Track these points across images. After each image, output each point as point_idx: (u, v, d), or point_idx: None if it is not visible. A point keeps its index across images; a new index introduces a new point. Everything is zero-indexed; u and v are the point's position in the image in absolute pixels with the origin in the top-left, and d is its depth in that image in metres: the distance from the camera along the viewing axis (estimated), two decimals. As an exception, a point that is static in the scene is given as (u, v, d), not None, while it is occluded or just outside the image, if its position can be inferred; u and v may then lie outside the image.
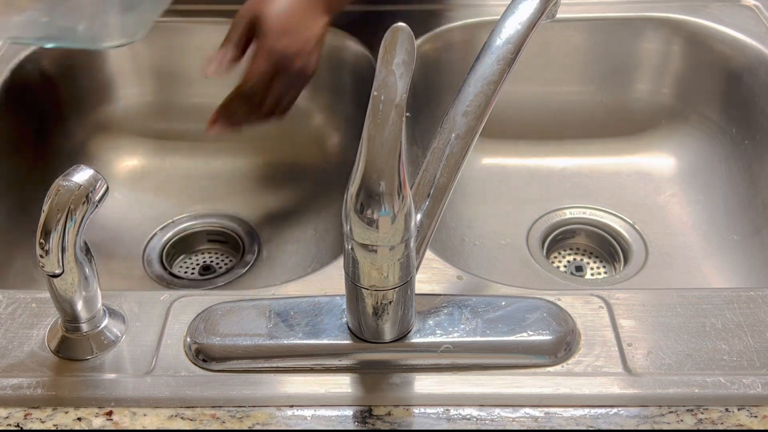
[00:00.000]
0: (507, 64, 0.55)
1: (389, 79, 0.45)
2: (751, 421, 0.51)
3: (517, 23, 0.57)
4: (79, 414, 0.52)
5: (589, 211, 0.92)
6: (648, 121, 0.97)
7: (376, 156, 0.45)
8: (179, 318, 0.57)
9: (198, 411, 0.52)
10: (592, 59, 0.96)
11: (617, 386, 0.53)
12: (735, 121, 0.90)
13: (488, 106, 0.55)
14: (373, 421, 0.52)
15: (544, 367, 0.54)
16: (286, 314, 0.56)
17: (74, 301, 0.53)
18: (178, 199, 0.85)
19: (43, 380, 0.54)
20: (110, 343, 0.56)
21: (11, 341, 0.56)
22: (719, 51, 0.91)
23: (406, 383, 0.54)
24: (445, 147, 0.54)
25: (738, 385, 0.53)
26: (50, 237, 0.49)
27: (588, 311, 0.58)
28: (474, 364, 0.54)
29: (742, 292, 0.59)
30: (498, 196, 0.94)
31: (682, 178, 0.94)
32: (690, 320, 0.57)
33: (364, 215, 0.46)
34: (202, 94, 0.96)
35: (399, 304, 0.52)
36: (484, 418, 0.52)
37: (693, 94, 0.94)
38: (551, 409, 0.52)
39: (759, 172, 0.85)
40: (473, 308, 0.56)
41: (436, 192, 0.54)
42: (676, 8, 0.94)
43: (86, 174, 0.49)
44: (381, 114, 0.45)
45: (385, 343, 0.54)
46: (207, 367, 0.54)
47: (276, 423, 0.52)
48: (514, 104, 0.96)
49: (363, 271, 0.50)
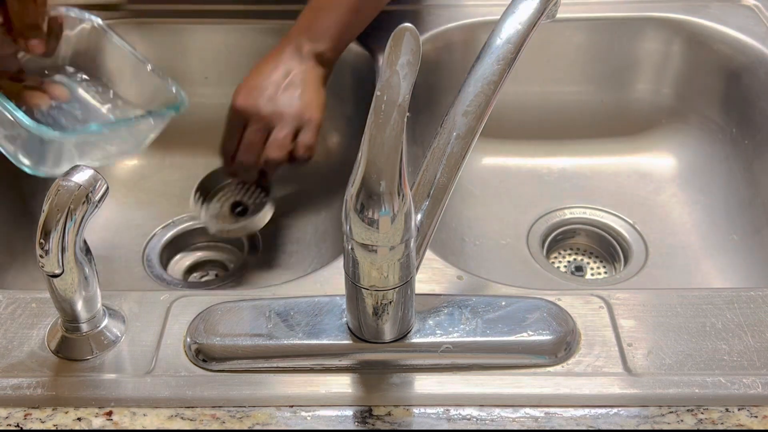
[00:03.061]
0: (507, 64, 0.55)
1: (393, 80, 0.45)
2: (751, 421, 0.51)
3: (517, 23, 0.57)
4: (79, 414, 0.52)
5: (589, 211, 0.92)
6: (648, 121, 0.97)
7: (376, 156, 0.45)
8: (179, 318, 0.57)
9: (198, 411, 0.52)
10: (592, 59, 0.96)
11: (617, 386, 0.53)
12: (735, 121, 0.90)
13: (488, 106, 0.55)
14: (373, 421, 0.52)
15: (544, 367, 0.54)
16: (286, 314, 0.56)
17: (74, 301, 0.53)
18: (178, 199, 0.85)
19: (43, 380, 0.54)
20: (110, 343, 0.56)
21: (11, 341, 0.56)
22: (719, 51, 0.91)
23: (406, 383, 0.54)
24: (445, 147, 0.54)
25: (738, 385, 0.53)
26: (50, 237, 0.49)
27: (588, 311, 0.58)
28: (474, 364, 0.54)
29: (742, 292, 0.59)
30: (498, 196, 0.94)
31: (682, 178, 0.94)
32: (690, 320, 0.57)
33: (364, 215, 0.46)
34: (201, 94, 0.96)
35: (399, 304, 0.52)
36: (484, 418, 0.52)
37: (693, 94, 0.94)
38: (551, 409, 0.52)
39: (759, 172, 0.85)
40: (473, 308, 0.56)
41: (436, 192, 0.54)
42: (676, 8, 0.94)
43: (86, 174, 0.49)
44: (383, 114, 0.45)
45: (385, 343, 0.54)
46: (207, 367, 0.54)
47: (276, 423, 0.52)
48: (514, 104, 0.96)
49: (363, 271, 0.50)
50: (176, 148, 0.96)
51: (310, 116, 0.80)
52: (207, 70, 0.97)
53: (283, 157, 0.80)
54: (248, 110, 0.79)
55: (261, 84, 0.80)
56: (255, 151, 0.80)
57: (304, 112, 0.80)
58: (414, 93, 0.46)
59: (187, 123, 0.96)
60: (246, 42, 0.94)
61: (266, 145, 0.80)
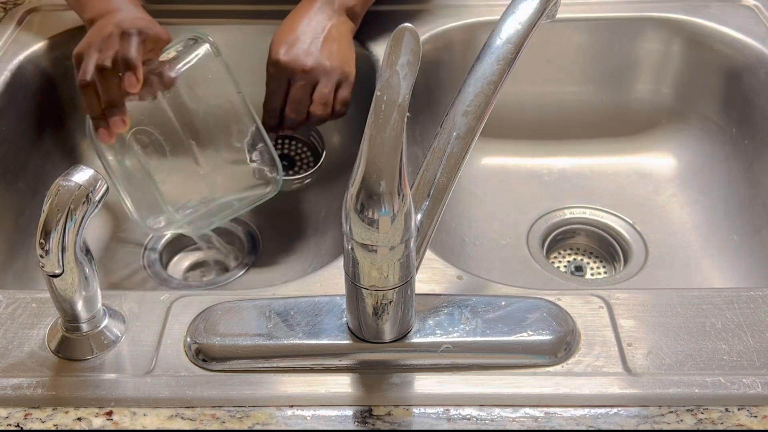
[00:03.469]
0: (507, 64, 0.55)
1: (393, 80, 0.45)
2: (751, 421, 0.51)
3: (517, 23, 0.57)
4: (79, 414, 0.52)
5: (589, 211, 0.92)
6: (648, 121, 0.97)
7: (376, 156, 0.45)
8: (179, 318, 0.57)
9: (198, 411, 0.52)
10: (592, 59, 0.96)
11: (617, 386, 0.53)
12: (735, 121, 0.90)
13: (488, 106, 0.55)
14: (373, 421, 0.52)
15: (544, 367, 0.54)
16: (286, 314, 0.56)
17: (74, 301, 0.53)
18: (178, 199, 0.85)
19: (43, 380, 0.54)
20: (110, 343, 0.56)
21: (11, 341, 0.56)
22: (719, 51, 0.91)
23: (406, 383, 0.54)
24: (445, 147, 0.54)
25: (738, 385, 0.53)
26: (50, 237, 0.49)
27: (588, 311, 0.58)
28: (474, 364, 0.54)
29: (742, 292, 0.59)
30: (498, 196, 0.94)
31: (682, 178, 0.94)
32: (690, 320, 0.57)
33: (364, 215, 0.46)
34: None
35: (399, 304, 0.52)
36: (484, 418, 0.52)
37: (693, 94, 0.94)
38: (551, 409, 0.52)
39: (759, 172, 0.85)
40: (473, 308, 0.56)
41: (436, 192, 0.54)
42: (676, 8, 0.94)
43: (86, 174, 0.49)
44: (383, 114, 0.45)
45: (385, 343, 0.54)
46: (207, 367, 0.54)
47: (276, 423, 0.52)
48: (514, 104, 0.96)
49: (363, 271, 0.50)
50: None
51: (349, 71, 0.81)
52: (207, 70, 0.96)
53: (327, 113, 0.81)
54: (292, 65, 0.79)
55: (300, 38, 0.80)
56: (303, 107, 0.80)
57: (344, 67, 0.80)
58: (414, 93, 0.46)
59: (187, 123, 0.96)
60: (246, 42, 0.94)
61: (312, 101, 0.80)
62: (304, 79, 0.79)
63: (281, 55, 0.80)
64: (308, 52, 0.79)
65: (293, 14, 0.83)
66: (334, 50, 0.80)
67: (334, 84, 0.80)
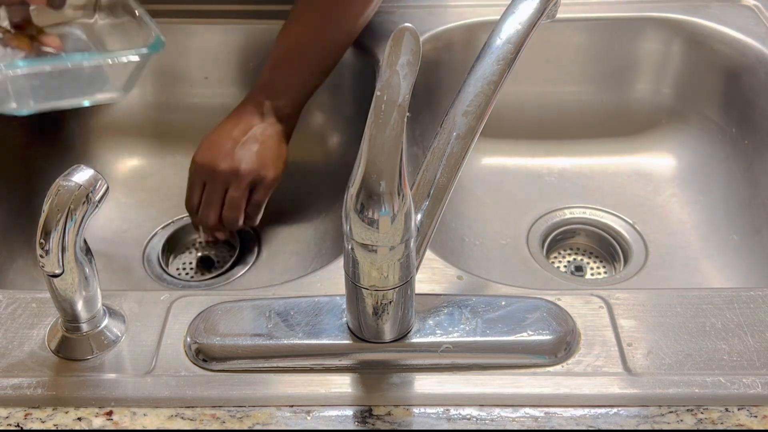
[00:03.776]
0: (507, 64, 0.55)
1: (393, 80, 0.45)
2: (751, 421, 0.51)
3: (517, 23, 0.57)
4: (79, 414, 0.52)
5: (589, 211, 0.92)
6: (648, 121, 0.97)
7: (376, 156, 0.45)
8: (179, 318, 0.57)
9: (198, 411, 0.52)
10: (592, 59, 0.96)
11: (617, 386, 0.53)
12: (735, 121, 0.90)
13: (488, 106, 0.55)
14: (373, 421, 0.52)
15: (544, 367, 0.54)
16: (286, 314, 0.56)
17: (74, 301, 0.53)
18: (178, 199, 0.85)
19: (43, 380, 0.54)
20: (110, 343, 0.56)
21: (11, 341, 0.56)
22: (719, 51, 0.91)
23: (406, 383, 0.54)
24: (445, 147, 0.54)
25: (738, 385, 0.53)
26: (50, 237, 0.49)
27: (588, 311, 0.58)
28: (474, 364, 0.54)
29: (742, 292, 0.59)
30: (498, 196, 0.94)
31: (682, 178, 0.94)
32: (690, 320, 0.57)
33: (364, 215, 0.46)
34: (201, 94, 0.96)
35: (399, 304, 0.52)
36: (484, 418, 0.52)
37: (693, 94, 0.94)
38: (551, 409, 0.52)
39: (759, 172, 0.85)
40: (473, 308, 0.56)
41: (436, 192, 0.54)
42: (676, 8, 0.94)
43: (86, 174, 0.49)
44: (383, 114, 0.45)
45: (385, 343, 0.54)
46: (207, 367, 0.54)
47: (276, 423, 0.52)
48: (514, 104, 0.96)
49: (363, 271, 0.50)
50: (176, 148, 0.96)
51: (265, 174, 0.81)
52: (207, 70, 0.97)
53: (236, 216, 0.82)
54: (206, 167, 0.81)
55: (220, 140, 0.81)
56: (214, 210, 0.82)
57: (260, 170, 0.81)
58: (414, 93, 0.46)
59: (187, 123, 0.96)
60: (246, 42, 0.94)
61: (224, 204, 0.81)
62: (215, 181, 0.80)
63: (198, 157, 0.81)
64: (225, 155, 0.80)
65: (223, 120, 0.84)
66: (252, 152, 0.81)
67: (246, 187, 0.81)
